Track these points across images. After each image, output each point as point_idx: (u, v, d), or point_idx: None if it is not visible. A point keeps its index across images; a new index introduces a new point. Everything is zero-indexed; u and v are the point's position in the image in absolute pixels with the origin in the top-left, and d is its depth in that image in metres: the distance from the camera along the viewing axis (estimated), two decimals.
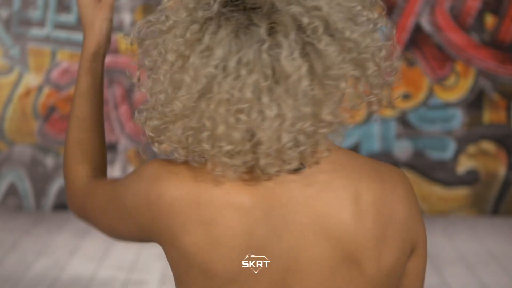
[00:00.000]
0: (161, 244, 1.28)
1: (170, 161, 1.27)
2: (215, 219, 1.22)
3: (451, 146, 5.98)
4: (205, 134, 1.20)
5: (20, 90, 5.99)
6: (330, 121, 1.21)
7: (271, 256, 1.23)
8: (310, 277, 1.24)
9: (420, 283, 1.32)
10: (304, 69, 1.18)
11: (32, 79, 5.98)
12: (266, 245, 1.23)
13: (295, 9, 1.19)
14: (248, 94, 1.17)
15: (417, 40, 5.85)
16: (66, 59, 5.97)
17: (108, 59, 6.89)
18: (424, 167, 5.99)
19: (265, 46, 1.18)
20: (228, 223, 1.22)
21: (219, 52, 1.18)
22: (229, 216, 1.22)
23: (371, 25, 1.24)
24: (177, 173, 1.25)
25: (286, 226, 1.23)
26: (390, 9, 5.84)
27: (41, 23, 5.98)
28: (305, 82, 1.18)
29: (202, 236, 1.22)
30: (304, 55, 1.19)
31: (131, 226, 1.30)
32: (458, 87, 5.94)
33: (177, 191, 1.24)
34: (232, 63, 1.18)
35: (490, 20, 5.87)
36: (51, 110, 5.99)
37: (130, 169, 6.02)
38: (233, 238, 1.22)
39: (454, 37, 5.87)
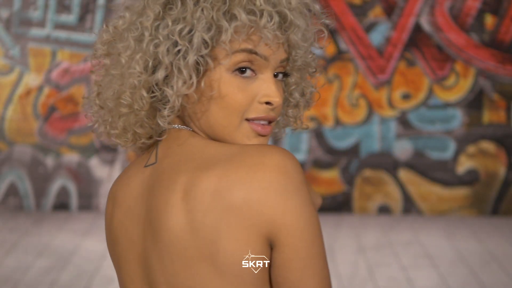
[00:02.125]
0: None
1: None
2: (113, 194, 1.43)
3: (451, 146, 5.98)
4: None
5: (21, 90, 5.99)
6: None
7: (127, 245, 1.33)
8: (151, 271, 1.30)
9: (293, 275, 1.22)
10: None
11: (32, 79, 5.98)
12: (120, 233, 1.35)
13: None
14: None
15: (417, 40, 5.85)
16: (66, 59, 5.97)
17: None
18: (424, 167, 5.99)
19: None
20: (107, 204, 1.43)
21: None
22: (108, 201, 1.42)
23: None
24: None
25: (133, 217, 1.33)
26: (390, 9, 5.84)
27: (41, 23, 5.98)
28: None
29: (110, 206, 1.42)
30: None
31: None
32: (458, 87, 5.94)
33: None
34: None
35: (489, 20, 5.88)
36: (51, 110, 5.99)
37: None
38: (105, 218, 1.41)
39: (454, 37, 5.87)
